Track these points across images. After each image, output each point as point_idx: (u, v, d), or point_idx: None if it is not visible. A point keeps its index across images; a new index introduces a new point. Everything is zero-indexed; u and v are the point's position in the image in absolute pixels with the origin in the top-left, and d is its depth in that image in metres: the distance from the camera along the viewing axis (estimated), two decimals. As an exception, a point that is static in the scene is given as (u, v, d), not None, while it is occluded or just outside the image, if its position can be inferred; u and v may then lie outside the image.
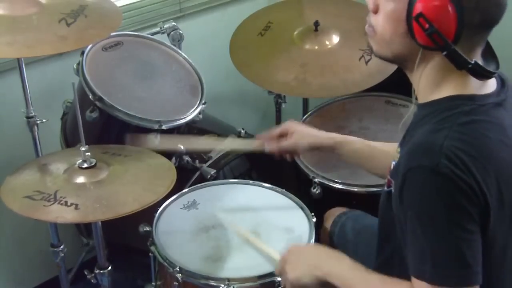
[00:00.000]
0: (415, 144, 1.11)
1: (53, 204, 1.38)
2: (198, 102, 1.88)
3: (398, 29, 1.13)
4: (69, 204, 1.38)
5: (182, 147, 1.77)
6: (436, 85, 1.16)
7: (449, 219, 1.06)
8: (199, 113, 1.86)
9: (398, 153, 1.23)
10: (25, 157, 1.70)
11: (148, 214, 1.54)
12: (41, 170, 1.57)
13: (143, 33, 2.02)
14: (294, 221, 1.60)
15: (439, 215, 1.06)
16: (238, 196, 1.70)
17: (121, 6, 2.10)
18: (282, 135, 1.61)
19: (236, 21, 2.19)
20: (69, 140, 1.93)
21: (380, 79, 1.97)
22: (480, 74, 1.13)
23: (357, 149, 1.57)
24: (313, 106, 2.22)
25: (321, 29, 2.08)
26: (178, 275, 1.43)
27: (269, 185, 1.72)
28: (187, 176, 1.89)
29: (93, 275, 1.70)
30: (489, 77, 1.16)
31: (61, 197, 1.40)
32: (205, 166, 1.92)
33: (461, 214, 1.06)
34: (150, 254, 1.54)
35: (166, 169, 1.57)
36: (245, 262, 1.48)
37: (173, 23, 2.08)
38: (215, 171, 1.90)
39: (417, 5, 1.08)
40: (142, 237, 1.58)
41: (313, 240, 1.53)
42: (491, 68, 1.16)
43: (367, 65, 1.98)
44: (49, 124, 1.81)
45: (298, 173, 1.92)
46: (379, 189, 1.68)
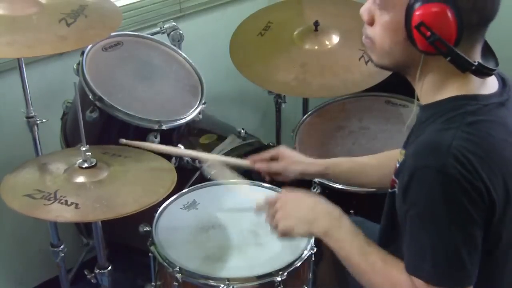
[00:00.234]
0: (422, 144, 1.11)
1: (53, 203, 1.38)
2: (198, 102, 1.88)
3: (397, 38, 1.13)
4: (69, 203, 1.38)
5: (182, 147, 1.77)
6: (439, 87, 1.16)
7: (452, 220, 1.06)
8: (199, 113, 1.86)
9: (403, 155, 1.23)
10: (25, 157, 1.69)
11: (148, 214, 1.53)
12: (41, 169, 1.56)
13: (143, 33, 2.02)
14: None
15: (442, 216, 1.06)
16: (238, 196, 1.70)
17: (121, 6, 2.09)
18: (273, 159, 1.62)
19: (236, 21, 2.19)
20: (69, 140, 1.93)
21: (380, 79, 1.97)
22: (482, 73, 1.13)
23: (347, 168, 1.59)
24: (313, 106, 2.21)
25: (321, 29, 2.08)
26: (178, 275, 1.43)
27: (269, 185, 1.72)
28: (187, 176, 1.89)
29: (93, 275, 1.70)
30: (490, 74, 1.16)
31: (61, 196, 1.40)
32: (205, 166, 1.91)
33: (464, 217, 1.06)
34: (150, 254, 1.53)
35: (166, 171, 1.57)
36: (244, 262, 1.48)
37: (173, 23, 2.09)
38: (215, 171, 1.89)
39: (416, 14, 1.07)
40: (142, 237, 1.58)
41: (312, 240, 1.52)
42: (490, 64, 1.16)
43: (367, 65, 1.98)
44: (49, 124, 1.81)
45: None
46: (379, 189, 1.68)
